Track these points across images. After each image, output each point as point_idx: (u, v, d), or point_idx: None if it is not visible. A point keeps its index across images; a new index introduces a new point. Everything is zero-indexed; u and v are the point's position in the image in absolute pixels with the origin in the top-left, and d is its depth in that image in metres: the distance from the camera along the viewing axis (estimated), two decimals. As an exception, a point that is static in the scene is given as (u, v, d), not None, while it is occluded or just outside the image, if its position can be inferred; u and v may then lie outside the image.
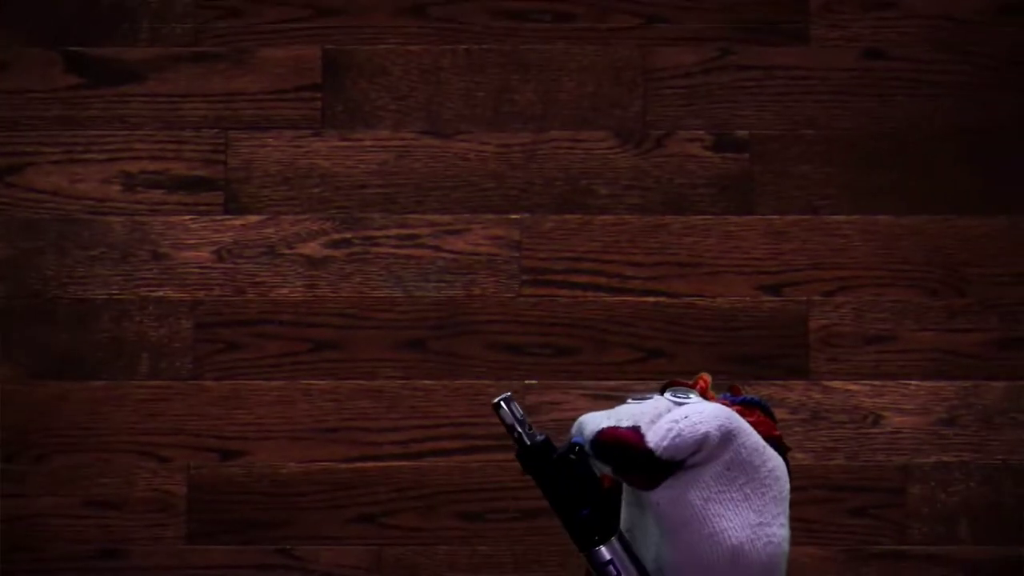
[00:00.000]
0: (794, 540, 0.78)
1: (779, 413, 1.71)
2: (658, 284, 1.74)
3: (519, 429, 0.71)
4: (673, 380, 0.74)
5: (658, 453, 0.68)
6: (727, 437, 0.69)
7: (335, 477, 1.73)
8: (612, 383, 1.72)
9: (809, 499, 1.71)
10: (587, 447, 0.69)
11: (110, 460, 1.73)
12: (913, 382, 1.74)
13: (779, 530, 0.70)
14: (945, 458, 1.73)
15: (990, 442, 1.73)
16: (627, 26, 1.77)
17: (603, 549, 0.70)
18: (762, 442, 0.70)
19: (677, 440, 0.68)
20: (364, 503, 1.73)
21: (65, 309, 1.74)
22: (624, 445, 0.68)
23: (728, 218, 1.75)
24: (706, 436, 0.68)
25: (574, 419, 0.75)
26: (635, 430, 0.68)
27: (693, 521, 0.69)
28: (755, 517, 0.69)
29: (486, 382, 1.73)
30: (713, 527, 0.68)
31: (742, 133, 1.76)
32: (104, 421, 1.73)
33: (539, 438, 0.71)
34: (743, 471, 0.69)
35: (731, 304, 1.74)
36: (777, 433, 0.74)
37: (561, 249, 1.75)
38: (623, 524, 0.72)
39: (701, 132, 1.76)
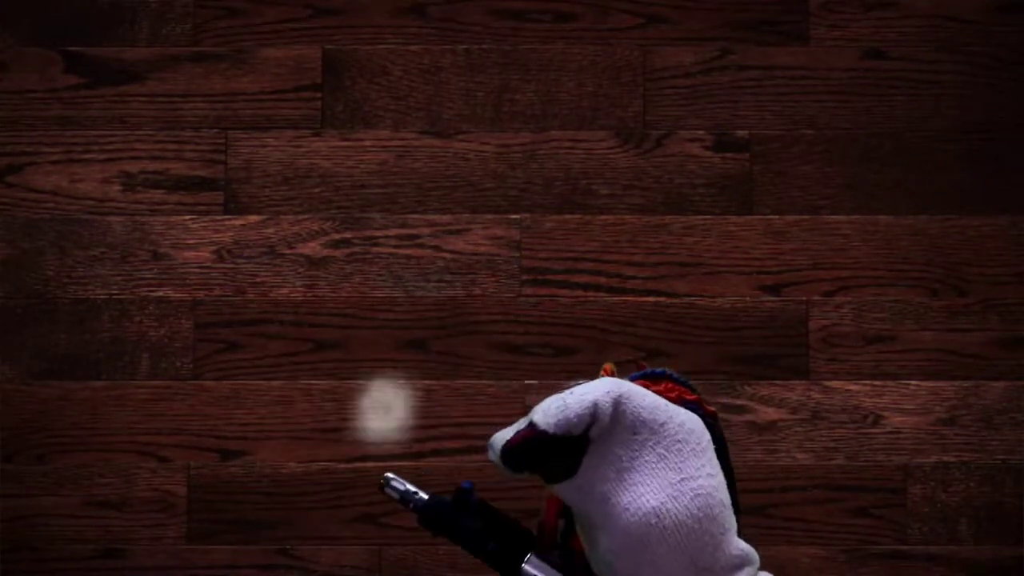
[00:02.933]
0: (794, 540, 0.78)
1: (779, 413, 1.71)
2: (658, 284, 1.74)
3: (411, 497, 0.76)
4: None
5: (550, 431, 0.69)
6: (618, 402, 0.69)
7: (335, 477, 1.73)
8: (612, 383, 1.72)
9: (809, 499, 1.71)
10: (501, 465, 0.71)
11: (110, 460, 1.73)
12: (913, 382, 1.74)
13: (706, 480, 0.69)
14: (945, 458, 1.73)
15: (990, 442, 1.73)
16: (627, 26, 1.77)
17: (526, 567, 0.73)
18: (661, 400, 0.71)
19: (566, 412, 0.69)
20: (364, 503, 1.73)
21: (65, 309, 1.74)
22: (524, 442, 0.70)
23: (728, 218, 1.75)
24: (595, 404, 0.69)
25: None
26: (529, 426, 0.70)
27: (612, 495, 0.69)
28: (675, 475, 0.69)
29: (486, 382, 1.73)
30: (631, 495, 0.69)
31: (742, 133, 1.76)
32: (104, 421, 1.73)
33: (426, 498, 0.76)
34: (650, 431, 0.70)
35: (731, 304, 1.74)
36: (692, 397, 0.74)
37: (561, 249, 1.75)
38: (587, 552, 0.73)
39: (701, 132, 1.76)
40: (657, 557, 0.68)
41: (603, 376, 0.75)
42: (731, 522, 0.71)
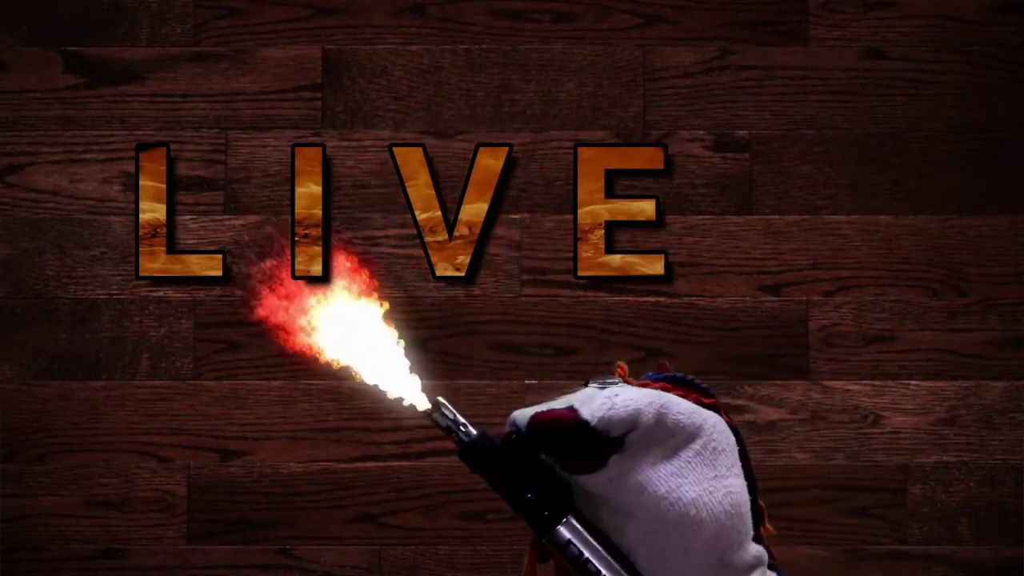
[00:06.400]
0: (794, 540, 0.78)
1: (779, 413, 1.71)
2: (658, 284, 1.74)
3: (457, 429, 0.72)
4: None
5: (593, 423, 0.69)
6: (661, 414, 0.71)
7: (335, 477, 1.73)
8: (612, 383, 1.72)
9: (809, 499, 1.71)
10: (524, 431, 0.69)
11: (110, 460, 1.73)
12: (913, 382, 1.74)
13: (735, 480, 0.72)
14: (945, 458, 1.73)
15: (990, 442, 1.73)
16: (627, 26, 1.77)
17: (561, 530, 0.70)
18: (694, 405, 0.73)
19: (612, 412, 0.70)
20: (364, 503, 1.73)
21: (65, 309, 1.74)
22: (559, 422, 0.69)
23: (728, 218, 1.75)
24: (638, 412, 0.70)
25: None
26: (569, 408, 0.70)
27: (649, 485, 0.70)
28: (710, 471, 0.71)
29: (486, 382, 1.73)
30: (669, 485, 0.70)
31: (742, 133, 1.76)
32: (104, 421, 1.73)
33: (475, 433, 0.71)
34: (688, 434, 0.71)
35: (731, 304, 1.74)
36: (710, 401, 0.75)
37: (561, 249, 1.75)
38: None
39: (701, 132, 1.76)
40: (689, 546, 0.70)
41: (619, 373, 0.76)
42: (751, 523, 0.72)
